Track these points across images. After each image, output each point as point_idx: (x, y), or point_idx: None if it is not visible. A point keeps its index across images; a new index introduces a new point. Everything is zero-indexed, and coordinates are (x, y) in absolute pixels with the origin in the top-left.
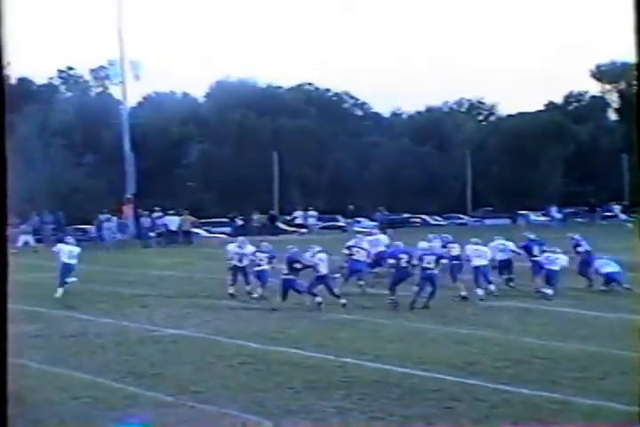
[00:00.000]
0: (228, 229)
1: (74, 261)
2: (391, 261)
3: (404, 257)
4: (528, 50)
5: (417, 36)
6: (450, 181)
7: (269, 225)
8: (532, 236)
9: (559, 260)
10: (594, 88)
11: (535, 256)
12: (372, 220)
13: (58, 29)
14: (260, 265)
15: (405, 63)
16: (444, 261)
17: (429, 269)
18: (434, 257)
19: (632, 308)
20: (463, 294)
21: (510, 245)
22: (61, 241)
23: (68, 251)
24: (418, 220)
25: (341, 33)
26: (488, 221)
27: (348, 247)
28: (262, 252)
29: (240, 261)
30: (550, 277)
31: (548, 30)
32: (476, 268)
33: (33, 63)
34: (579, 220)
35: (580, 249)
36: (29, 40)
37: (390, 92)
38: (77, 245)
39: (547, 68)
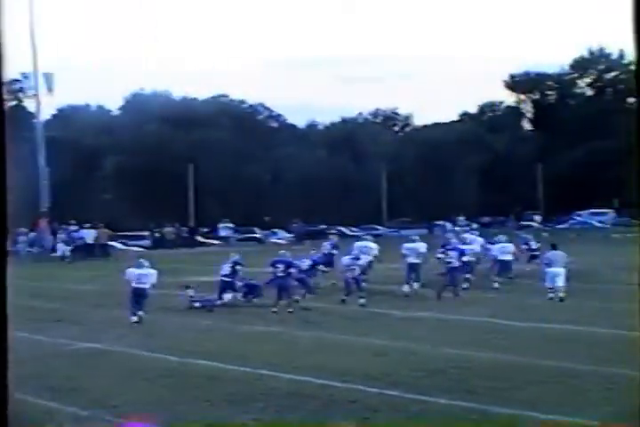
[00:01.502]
0: (144, 242)
1: None
2: (270, 269)
3: (280, 266)
4: (443, 59)
5: (330, 49)
6: (366, 192)
7: (186, 237)
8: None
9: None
10: (508, 98)
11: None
12: (289, 231)
13: None
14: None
15: (319, 75)
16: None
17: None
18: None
19: (547, 317)
20: (361, 302)
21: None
22: None
23: None
24: (334, 231)
25: (254, 44)
26: (404, 232)
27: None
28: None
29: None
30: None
31: (463, 41)
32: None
33: None
34: (494, 230)
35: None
36: None
37: (305, 104)
38: None
39: (461, 77)
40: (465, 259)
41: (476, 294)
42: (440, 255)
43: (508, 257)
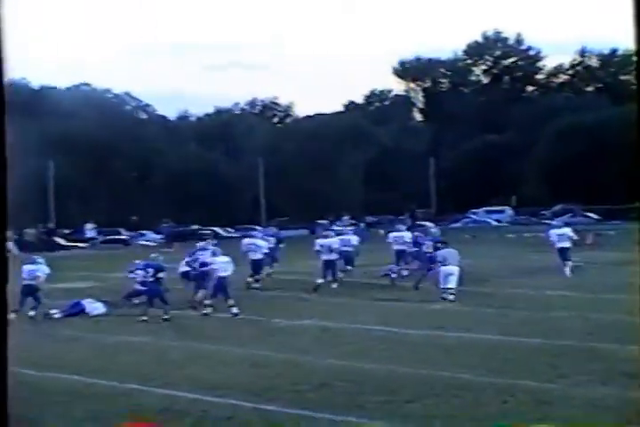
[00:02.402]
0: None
1: None
2: (140, 273)
3: (150, 271)
4: (327, 44)
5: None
6: (243, 190)
7: (46, 240)
8: None
9: None
10: (397, 86)
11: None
12: (158, 232)
13: None
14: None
15: (186, 62)
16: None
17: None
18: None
19: (442, 324)
20: (206, 311)
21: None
22: None
23: None
24: (208, 232)
25: (113, 30)
26: (284, 233)
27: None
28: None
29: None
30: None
31: (350, 23)
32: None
33: None
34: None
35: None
36: None
37: (176, 93)
38: None
39: (347, 64)
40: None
41: (368, 300)
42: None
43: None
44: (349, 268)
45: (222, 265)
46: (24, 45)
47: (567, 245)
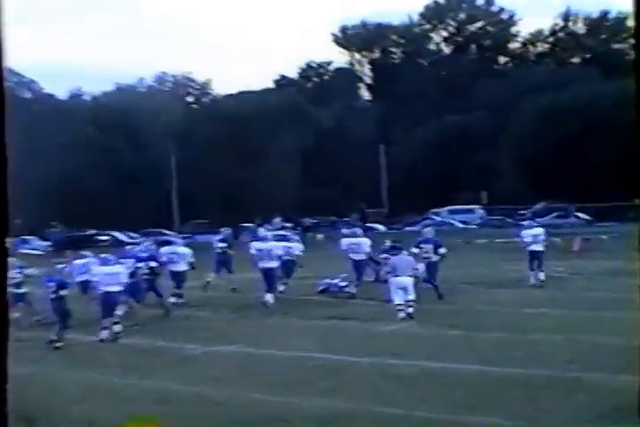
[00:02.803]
0: None
1: None
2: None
3: (52, 286)
4: (250, 8)
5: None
6: (150, 186)
7: None
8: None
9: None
10: (339, 58)
11: None
12: (45, 239)
13: None
14: None
15: (84, 29)
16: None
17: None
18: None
19: (396, 350)
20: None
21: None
22: None
23: None
24: (107, 237)
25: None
26: (201, 238)
27: None
28: None
29: None
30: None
31: None
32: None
33: None
34: (320, 235)
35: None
36: None
37: (67, 67)
38: None
39: (277, 32)
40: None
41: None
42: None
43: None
44: (287, 281)
45: (105, 277)
46: None
47: (540, 248)
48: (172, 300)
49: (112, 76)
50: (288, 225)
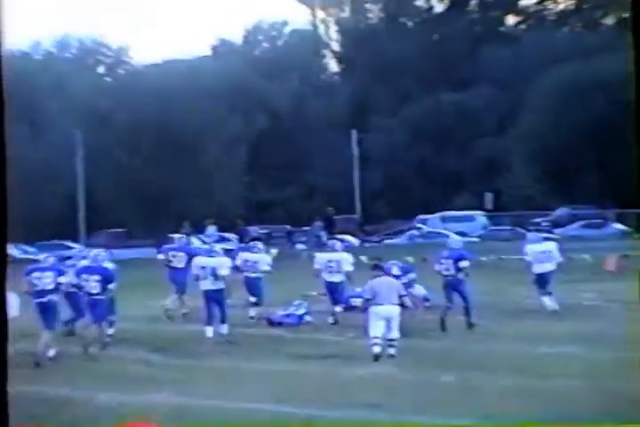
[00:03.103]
0: None
1: None
2: None
3: None
4: None
5: None
6: (47, 183)
7: None
8: None
9: None
10: (298, 18)
11: None
12: None
13: None
14: None
15: None
16: None
17: None
18: None
19: (371, 401)
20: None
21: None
22: None
23: None
24: None
25: None
26: (120, 252)
27: None
28: None
29: None
30: None
31: None
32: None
33: None
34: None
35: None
36: None
37: None
38: None
39: None
40: None
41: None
42: None
43: None
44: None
45: None
46: None
47: (550, 268)
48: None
49: None
50: (228, 236)
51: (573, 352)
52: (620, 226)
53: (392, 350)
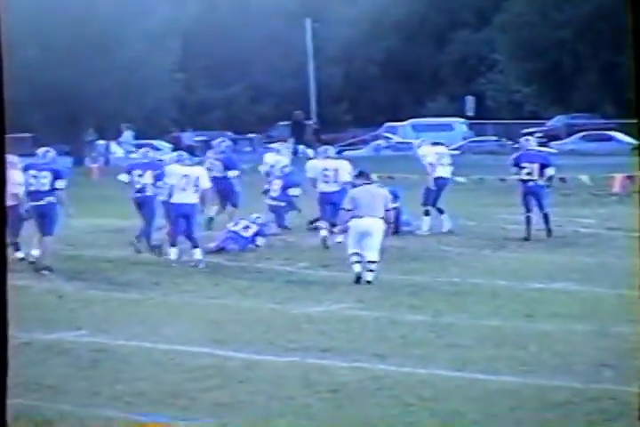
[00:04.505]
0: None
1: None
2: None
3: None
4: None
5: None
6: None
7: None
8: None
9: None
10: None
11: None
12: None
13: None
14: None
15: None
16: None
17: None
18: None
19: (325, 345)
20: None
21: None
22: None
23: None
24: None
25: None
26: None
27: None
28: None
29: None
30: None
31: None
32: None
33: None
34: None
35: None
36: None
37: None
38: None
39: None
40: None
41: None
42: None
43: None
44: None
45: None
46: None
47: (445, 174)
48: None
49: None
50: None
51: (567, 289)
52: (626, 138)
53: (369, 276)
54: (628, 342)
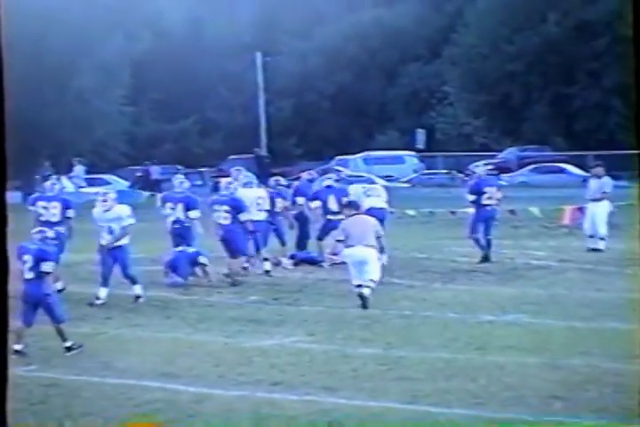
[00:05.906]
0: None
1: None
2: None
3: None
4: None
5: None
6: None
7: None
8: None
9: None
10: None
11: None
12: None
13: None
14: None
15: None
16: None
17: None
18: None
19: (275, 380)
20: None
21: None
22: None
23: None
24: None
25: None
26: None
27: None
28: None
29: None
30: None
31: None
32: None
33: None
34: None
35: None
36: None
37: None
38: None
39: None
40: None
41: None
42: None
43: None
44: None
45: None
46: None
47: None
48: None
49: None
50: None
51: (519, 321)
52: (577, 171)
53: (367, 292)
54: (578, 375)
